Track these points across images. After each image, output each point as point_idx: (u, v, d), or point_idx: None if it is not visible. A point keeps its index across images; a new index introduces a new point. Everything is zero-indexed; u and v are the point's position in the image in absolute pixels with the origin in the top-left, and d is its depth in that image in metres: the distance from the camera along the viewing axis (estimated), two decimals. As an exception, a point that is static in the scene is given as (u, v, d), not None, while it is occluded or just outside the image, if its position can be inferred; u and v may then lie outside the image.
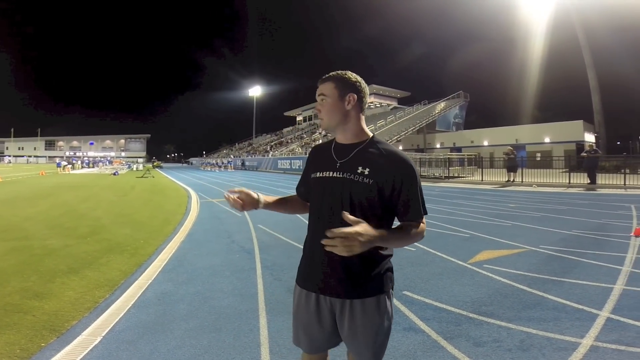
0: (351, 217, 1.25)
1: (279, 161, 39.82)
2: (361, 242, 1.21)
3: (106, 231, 6.87)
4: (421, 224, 1.44)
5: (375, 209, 1.42)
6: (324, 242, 1.22)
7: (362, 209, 1.40)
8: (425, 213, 1.47)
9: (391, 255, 1.52)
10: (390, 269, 1.52)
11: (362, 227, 1.23)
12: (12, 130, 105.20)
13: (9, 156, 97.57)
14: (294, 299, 1.62)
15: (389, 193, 1.41)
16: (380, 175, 1.40)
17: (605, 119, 31.31)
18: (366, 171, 1.41)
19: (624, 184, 15.39)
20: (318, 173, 1.52)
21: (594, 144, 19.53)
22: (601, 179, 16.49)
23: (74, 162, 49.11)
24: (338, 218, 1.32)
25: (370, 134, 1.54)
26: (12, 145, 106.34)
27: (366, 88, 1.53)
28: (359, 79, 1.51)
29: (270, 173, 35.91)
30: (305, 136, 58.04)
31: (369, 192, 1.40)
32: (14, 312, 3.22)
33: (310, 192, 1.59)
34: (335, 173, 1.46)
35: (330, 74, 1.51)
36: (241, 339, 2.82)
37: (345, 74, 1.50)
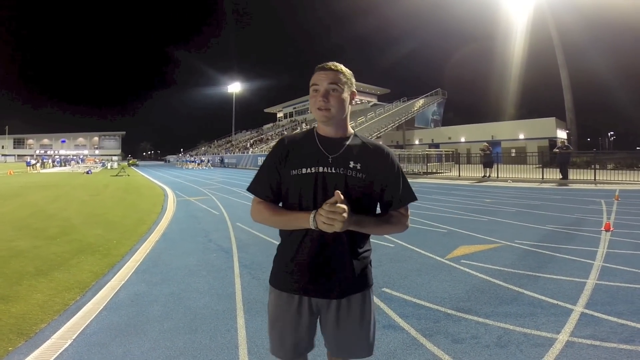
0: (342, 197, 1.26)
1: (259, 158, 39.50)
2: (342, 222, 1.23)
3: (77, 232, 6.64)
4: (406, 212, 1.53)
5: (369, 203, 1.46)
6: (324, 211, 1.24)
7: (359, 204, 1.38)
8: (415, 199, 1.53)
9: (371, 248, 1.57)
10: (371, 262, 1.56)
11: (347, 208, 1.26)
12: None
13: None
14: (272, 304, 1.51)
15: (379, 187, 1.45)
16: (370, 169, 1.43)
17: (576, 117, 32.31)
18: (358, 166, 1.42)
19: (594, 179, 15.86)
20: (305, 169, 1.41)
21: (565, 141, 20.00)
22: (573, 174, 16.96)
23: (44, 160, 47.44)
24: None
25: (352, 130, 1.54)
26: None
27: None
28: None
29: (251, 170, 35.58)
30: (286, 133, 57.79)
31: (364, 187, 1.41)
32: (-24, 318, 3.06)
33: (291, 190, 1.44)
34: (328, 168, 1.40)
35: (337, 64, 1.46)
36: (218, 340, 2.76)
37: (347, 69, 1.48)
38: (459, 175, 20.39)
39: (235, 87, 75.59)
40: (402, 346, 2.64)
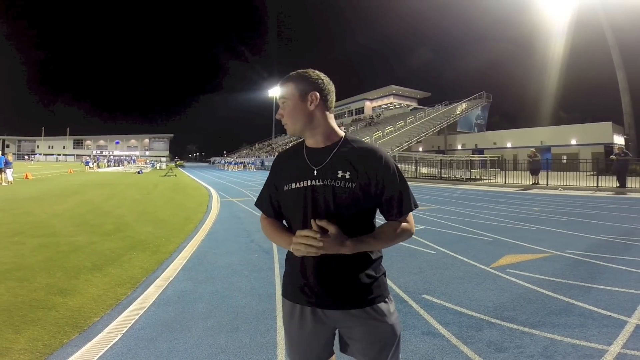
0: (318, 225, 1.25)
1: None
2: (318, 248, 1.22)
3: (130, 229, 7.01)
4: (406, 222, 1.39)
5: (363, 212, 1.36)
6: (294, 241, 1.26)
7: (350, 215, 1.32)
8: (415, 207, 1.40)
9: (382, 258, 1.44)
10: (385, 274, 1.44)
11: (328, 237, 1.24)
12: (43, 129, 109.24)
13: (38, 154, 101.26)
14: (284, 315, 1.48)
15: (373, 193, 1.34)
16: (361, 176, 1.32)
17: (635, 121, 30.24)
18: (347, 175, 1.32)
19: (656, 188, 14.79)
20: (293, 184, 1.37)
21: (623, 147, 18.82)
22: (631, 182, 15.89)
23: (99, 160, 50.43)
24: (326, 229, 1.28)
25: (342, 133, 1.45)
26: (42, 143, 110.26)
27: (330, 85, 1.42)
28: (322, 75, 1.41)
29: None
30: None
31: (354, 196, 1.31)
32: (38, 308, 3.30)
33: (286, 206, 1.44)
34: (314, 181, 1.34)
35: (290, 74, 1.41)
36: (258, 339, 2.82)
37: (305, 72, 1.40)
38: (505, 182, 19.64)
39: (275, 92, 76.77)
40: (442, 352, 2.59)
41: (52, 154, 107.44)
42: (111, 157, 70.34)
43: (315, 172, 1.36)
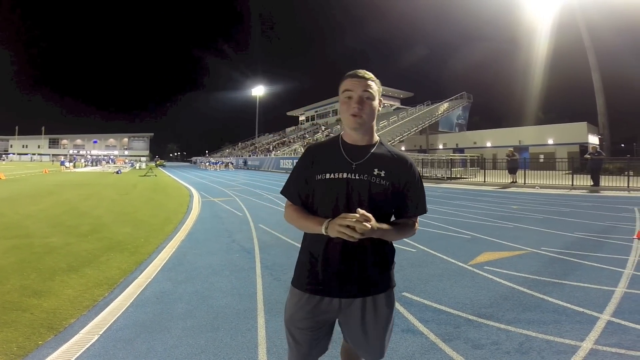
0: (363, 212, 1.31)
1: (281, 161, 39.80)
2: (362, 231, 1.28)
3: (107, 229, 6.87)
4: (416, 222, 1.58)
5: (389, 208, 1.52)
6: (343, 222, 1.29)
7: (380, 209, 1.43)
8: (425, 211, 1.57)
9: (395, 250, 1.61)
10: (394, 263, 1.60)
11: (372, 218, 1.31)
12: (17, 128, 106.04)
13: (11, 154, 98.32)
14: (291, 304, 1.54)
15: (400, 193, 1.50)
16: (394, 177, 1.47)
17: (609, 121, 31.16)
18: (382, 173, 1.46)
19: (628, 187, 15.28)
20: (328, 174, 1.46)
21: (597, 146, 19.38)
22: (605, 181, 16.40)
23: (75, 160, 49.27)
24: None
25: (378, 137, 1.57)
26: (16, 143, 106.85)
27: None
28: None
29: (273, 173, 35.89)
30: (307, 136, 57.99)
31: (386, 193, 1.45)
32: (12, 310, 3.21)
33: (316, 194, 1.50)
34: (351, 175, 1.45)
35: (368, 73, 1.48)
36: (238, 339, 2.81)
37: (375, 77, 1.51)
38: (484, 181, 20.00)
39: (258, 91, 76.46)
40: (420, 350, 2.63)
41: (27, 154, 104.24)
42: (89, 156, 68.87)
43: (354, 166, 1.47)
